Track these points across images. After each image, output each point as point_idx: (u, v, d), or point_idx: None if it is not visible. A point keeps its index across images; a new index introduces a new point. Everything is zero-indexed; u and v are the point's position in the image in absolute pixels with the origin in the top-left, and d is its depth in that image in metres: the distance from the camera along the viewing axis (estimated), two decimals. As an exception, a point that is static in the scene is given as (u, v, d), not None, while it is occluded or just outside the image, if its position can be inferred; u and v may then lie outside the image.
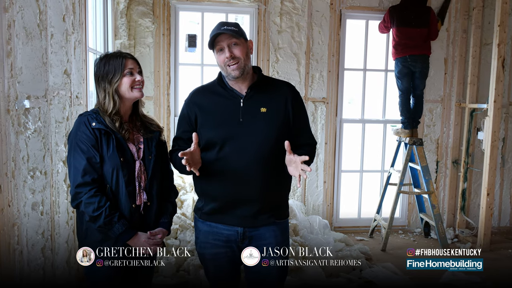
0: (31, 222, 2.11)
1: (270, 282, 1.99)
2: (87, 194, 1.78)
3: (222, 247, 1.97)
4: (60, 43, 2.47)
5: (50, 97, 2.32)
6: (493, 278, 3.74)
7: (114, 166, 1.83)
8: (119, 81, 1.86)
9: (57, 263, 2.46)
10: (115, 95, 1.86)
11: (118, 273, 1.92)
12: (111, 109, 1.86)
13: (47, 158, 2.29)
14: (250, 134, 1.88)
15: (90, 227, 1.86)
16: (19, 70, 1.95)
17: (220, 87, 1.97)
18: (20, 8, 1.97)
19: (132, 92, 1.89)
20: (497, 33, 4.19)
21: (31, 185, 2.10)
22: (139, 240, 1.87)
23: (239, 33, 1.90)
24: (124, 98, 1.89)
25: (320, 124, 4.78)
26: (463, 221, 4.97)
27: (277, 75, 4.63)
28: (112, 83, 1.86)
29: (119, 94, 1.88)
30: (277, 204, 2.00)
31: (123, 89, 1.88)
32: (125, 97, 1.89)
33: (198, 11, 4.65)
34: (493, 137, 4.32)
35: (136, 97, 1.92)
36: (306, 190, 4.83)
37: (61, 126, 2.50)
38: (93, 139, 1.81)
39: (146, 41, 4.43)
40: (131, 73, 1.88)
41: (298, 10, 4.62)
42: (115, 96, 1.86)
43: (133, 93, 1.89)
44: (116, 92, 1.86)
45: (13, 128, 1.90)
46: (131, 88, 1.88)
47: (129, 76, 1.88)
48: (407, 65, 4.39)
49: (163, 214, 2.00)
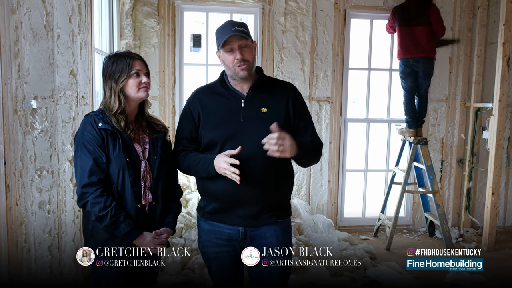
0: (38, 221, 2.13)
1: (272, 281, 2.00)
2: (93, 194, 1.80)
3: (224, 245, 1.99)
4: (67, 44, 2.50)
5: (56, 97, 2.34)
6: (498, 277, 3.74)
7: (120, 166, 1.85)
8: (125, 81, 1.88)
9: (64, 261, 2.49)
10: (121, 95, 1.88)
11: (122, 273, 1.94)
12: (116, 108, 1.88)
13: (54, 158, 2.32)
14: (251, 134, 1.89)
15: (96, 227, 1.88)
16: (26, 71, 1.97)
17: (222, 87, 1.99)
18: (27, 10, 1.99)
19: (138, 93, 1.91)
20: (502, 32, 4.17)
21: (38, 184, 2.13)
22: (144, 239, 1.89)
23: (249, 35, 1.91)
24: (130, 98, 1.91)
25: (325, 124, 4.79)
26: (468, 221, 4.96)
27: (281, 75, 4.64)
28: (119, 82, 1.88)
29: (124, 94, 1.89)
30: (279, 203, 2.01)
31: (129, 90, 1.89)
32: (130, 98, 1.91)
33: (202, 11, 4.67)
34: (498, 136, 4.30)
35: (141, 98, 1.94)
36: (311, 189, 4.84)
37: (67, 126, 2.53)
38: (99, 139, 1.83)
39: (151, 41, 4.46)
40: (137, 74, 1.90)
41: (303, 9, 4.63)
42: (120, 95, 1.88)
43: (139, 94, 1.91)
44: (122, 91, 1.88)
45: (21, 128, 1.93)
46: (137, 89, 1.90)
47: (135, 78, 1.89)
48: (409, 65, 4.39)
49: (168, 213, 2.02)
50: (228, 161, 1.80)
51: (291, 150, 1.77)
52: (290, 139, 1.77)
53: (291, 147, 1.77)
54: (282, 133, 1.76)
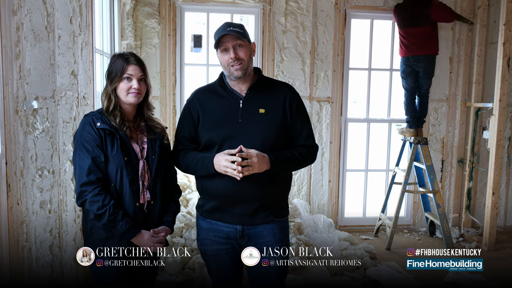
0: (39, 220, 2.15)
1: (269, 279, 2.02)
2: (92, 193, 1.82)
3: (223, 243, 2.01)
4: (67, 44, 2.52)
5: (57, 97, 2.36)
6: (498, 277, 3.74)
7: (118, 165, 1.87)
8: (117, 83, 1.92)
9: (65, 260, 2.52)
10: (112, 95, 1.92)
11: (122, 273, 1.96)
12: (105, 107, 1.92)
13: (54, 158, 2.34)
14: (249, 134, 1.92)
15: (95, 225, 1.90)
16: (27, 71, 1.99)
17: (221, 87, 2.02)
18: (28, 11, 2.01)
19: (126, 97, 1.94)
20: (502, 32, 4.18)
21: (39, 184, 2.15)
22: (142, 238, 1.91)
23: (244, 35, 1.93)
24: (120, 100, 1.95)
25: (325, 124, 4.80)
26: (468, 220, 4.96)
27: (282, 75, 4.66)
28: (113, 83, 1.92)
29: (116, 94, 1.93)
30: (276, 202, 2.02)
31: (120, 93, 1.93)
32: (121, 100, 1.94)
33: (203, 11, 4.69)
34: (499, 136, 4.31)
35: (130, 103, 1.95)
36: (311, 189, 4.85)
37: (68, 126, 2.55)
38: (98, 139, 1.86)
39: (152, 42, 4.48)
40: (128, 79, 1.92)
41: (303, 10, 4.64)
42: (112, 95, 1.92)
43: (127, 98, 1.94)
44: (114, 91, 1.92)
45: (22, 128, 1.95)
46: (126, 93, 1.93)
47: (126, 82, 1.92)
48: (410, 64, 4.40)
49: (166, 212, 2.04)
50: (229, 158, 1.83)
51: (259, 167, 1.85)
52: (257, 156, 1.85)
53: (259, 164, 1.85)
54: (249, 152, 1.84)
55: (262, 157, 1.86)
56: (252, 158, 1.83)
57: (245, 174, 1.83)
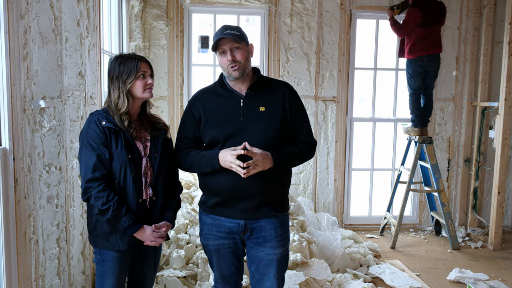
0: (46, 214, 2.25)
1: (270, 272, 2.09)
2: (97, 189, 1.91)
3: (225, 238, 2.08)
4: (75, 46, 2.62)
5: (64, 97, 2.46)
6: (503, 276, 3.74)
7: (122, 162, 1.95)
8: (132, 83, 1.99)
9: (72, 253, 2.61)
10: (129, 95, 2.00)
11: (124, 267, 2.06)
12: (125, 108, 1.99)
13: (62, 155, 2.44)
14: (250, 132, 1.99)
15: (99, 220, 1.99)
16: (34, 72, 2.09)
17: (221, 88, 2.09)
18: (36, 15, 2.11)
19: (143, 94, 2.02)
20: (508, 31, 4.17)
21: (46, 179, 2.24)
22: (144, 232, 2.00)
23: (241, 38, 2.01)
24: (136, 98, 2.03)
25: (331, 123, 4.84)
26: (474, 220, 4.95)
27: (287, 75, 4.71)
28: (127, 83, 1.98)
29: (131, 94, 2.01)
30: (277, 198, 2.10)
31: (136, 90, 2.01)
32: (136, 97, 2.02)
33: (210, 13, 4.77)
34: (504, 135, 4.30)
35: (147, 98, 2.06)
36: (317, 187, 4.90)
37: (75, 124, 2.65)
38: (103, 137, 1.94)
39: (160, 43, 4.57)
40: (143, 76, 2.01)
41: (308, 10, 4.69)
42: (128, 95, 1.99)
43: (144, 94, 2.03)
44: (129, 92, 2.00)
45: (29, 126, 2.04)
46: (143, 90, 2.01)
47: (142, 79, 2.01)
48: (423, 64, 4.35)
49: (168, 208, 2.13)
50: (234, 154, 1.91)
51: (263, 165, 1.93)
52: (261, 155, 1.93)
53: (263, 162, 1.93)
54: (253, 151, 1.92)
55: (266, 156, 1.93)
56: (256, 156, 1.91)
57: (251, 173, 1.90)
